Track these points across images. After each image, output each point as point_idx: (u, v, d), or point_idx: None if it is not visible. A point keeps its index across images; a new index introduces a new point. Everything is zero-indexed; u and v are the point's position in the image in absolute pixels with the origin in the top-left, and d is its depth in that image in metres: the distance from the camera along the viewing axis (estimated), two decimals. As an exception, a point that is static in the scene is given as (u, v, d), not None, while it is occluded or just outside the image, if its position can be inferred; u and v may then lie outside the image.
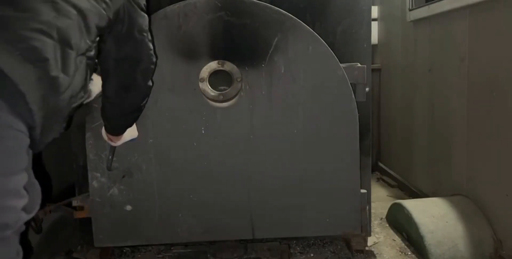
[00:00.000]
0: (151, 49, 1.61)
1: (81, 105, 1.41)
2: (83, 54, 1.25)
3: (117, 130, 1.84)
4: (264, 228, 2.13)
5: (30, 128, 1.10)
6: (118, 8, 1.39)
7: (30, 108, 1.06)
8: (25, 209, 1.09)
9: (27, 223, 1.15)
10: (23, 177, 1.09)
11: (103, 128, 1.87)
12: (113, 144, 1.92)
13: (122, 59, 1.53)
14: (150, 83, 1.68)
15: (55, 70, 1.11)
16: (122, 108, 1.70)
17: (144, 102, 1.73)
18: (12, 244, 1.08)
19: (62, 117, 1.23)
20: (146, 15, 1.55)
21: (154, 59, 1.65)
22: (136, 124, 1.90)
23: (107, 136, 1.88)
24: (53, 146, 1.52)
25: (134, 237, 2.11)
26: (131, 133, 1.91)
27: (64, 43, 1.14)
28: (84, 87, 1.30)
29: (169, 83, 1.99)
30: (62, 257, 2.31)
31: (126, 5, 1.44)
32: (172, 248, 2.32)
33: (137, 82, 1.61)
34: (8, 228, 1.03)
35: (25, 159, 1.10)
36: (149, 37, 1.59)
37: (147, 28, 1.57)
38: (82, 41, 1.22)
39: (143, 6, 1.53)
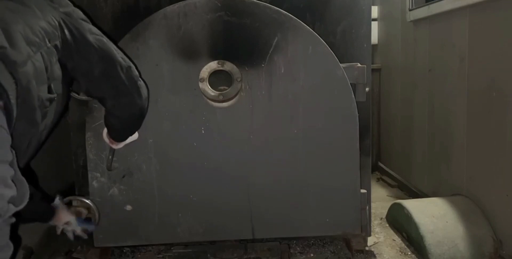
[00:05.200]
0: (117, 49, 1.57)
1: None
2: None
3: (121, 138, 1.87)
4: (264, 228, 2.13)
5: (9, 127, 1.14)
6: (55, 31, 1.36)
7: (11, 104, 1.12)
8: (13, 202, 1.09)
9: (17, 216, 1.15)
10: (9, 169, 1.10)
11: (105, 131, 1.88)
12: (114, 146, 1.93)
13: (100, 73, 1.51)
14: (140, 82, 1.64)
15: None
16: (124, 118, 1.71)
17: (146, 106, 1.72)
18: (2, 234, 1.08)
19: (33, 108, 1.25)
20: (90, 24, 1.52)
21: (127, 59, 1.61)
22: None
23: (108, 139, 1.90)
24: (53, 146, 1.53)
25: (134, 237, 2.11)
26: (132, 135, 1.92)
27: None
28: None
29: (169, 83, 1.99)
30: (62, 257, 2.31)
31: (64, 21, 1.41)
32: (172, 248, 2.32)
33: (126, 85, 1.58)
34: None
35: (10, 153, 1.12)
36: (107, 39, 1.56)
37: (99, 32, 1.54)
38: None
39: (83, 16, 1.51)
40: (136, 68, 1.65)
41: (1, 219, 1.05)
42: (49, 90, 1.33)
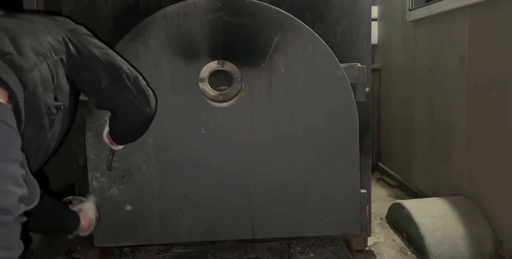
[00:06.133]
0: (122, 61, 1.60)
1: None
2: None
3: (124, 142, 1.89)
4: (264, 228, 2.13)
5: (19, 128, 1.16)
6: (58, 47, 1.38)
7: (20, 107, 1.14)
8: (24, 201, 1.10)
9: (28, 215, 1.15)
10: (20, 168, 1.11)
11: (106, 131, 1.89)
12: (114, 147, 1.94)
13: (108, 85, 1.53)
14: (148, 91, 1.66)
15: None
16: (132, 125, 1.73)
17: (154, 114, 1.74)
18: (13, 232, 1.08)
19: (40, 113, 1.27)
20: (94, 38, 1.54)
21: (133, 70, 1.63)
22: None
23: (109, 139, 1.90)
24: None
25: (134, 237, 2.11)
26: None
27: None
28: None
29: (169, 83, 1.99)
30: (62, 257, 2.31)
31: (68, 37, 1.43)
32: (172, 248, 2.32)
33: (135, 95, 1.60)
34: (8, 213, 1.04)
35: (20, 153, 1.13)
36: (112, 51, 1.58)
37: (104, 45, 1.56)
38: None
39: (87, 32, 1.54)
40: (138, 71, 1.66)
41: (11, 217, 1.05)
42: (56, 99, 1.35)
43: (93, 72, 1.50)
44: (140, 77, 1.64)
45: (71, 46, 1.42)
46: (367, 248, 2.35)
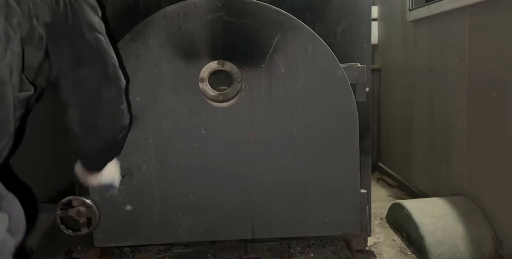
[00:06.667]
0: (112, 57, 1.35)
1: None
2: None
3: (93, 166, 1.57)
4: (264, 228, 2.13)
5: None
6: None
7: None
8: (9, 230, 0.92)
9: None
10: None
11: (78, 164, 1.59)
12: (86, 183, 1.62)
13: (80, 77, 1.28)
14: (123, 105, 1.39)
15: None
16: (94, 144, 1.43)
17: (121, 135, 1.46)
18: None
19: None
20: (97, 16, 1.32)
21: (120, 74, 1.36)
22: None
23: (82, 170, 1.58)
24: (53, 146, 1.52)
25: (134, 237, 2.12)
26: (110, 174, 1.65)
27: None
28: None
29: (169, 83, 1.99)
30: (62, 257, 2.31)
31: (71, 3, 1.21)
32: (172, 248, 2.32)
33: (104, 105, 1.33)
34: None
35: None
36: (108, 41, 1.34)
37: (102, 29, 1.33)
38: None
39: (94, 4, 1.30)
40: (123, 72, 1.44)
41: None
42: (23, 84, 1.13)
43: (72, 55, 1.27)
44: (122, 85, 1.38)
45: (62, 16, 1.20)
46: (367, 248, 2.35)
